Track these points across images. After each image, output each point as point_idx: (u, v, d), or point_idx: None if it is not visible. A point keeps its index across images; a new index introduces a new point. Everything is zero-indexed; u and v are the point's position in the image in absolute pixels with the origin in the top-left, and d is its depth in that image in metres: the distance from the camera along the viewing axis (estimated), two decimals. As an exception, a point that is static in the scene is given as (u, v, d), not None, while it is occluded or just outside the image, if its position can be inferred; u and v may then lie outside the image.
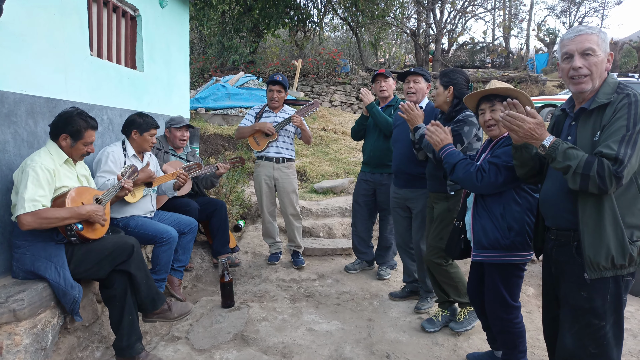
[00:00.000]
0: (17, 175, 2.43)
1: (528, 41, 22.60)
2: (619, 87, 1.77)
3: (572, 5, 23.90)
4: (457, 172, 2.35)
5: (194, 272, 4.02)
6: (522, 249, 2.26)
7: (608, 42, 1.80)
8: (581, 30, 1.81)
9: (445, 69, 2.90)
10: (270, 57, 15.38)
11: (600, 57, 1.77)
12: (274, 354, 2.74)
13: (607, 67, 1.80)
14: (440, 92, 2.85)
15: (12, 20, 2.59)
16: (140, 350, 2.59)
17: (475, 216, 2.37)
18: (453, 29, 18.89)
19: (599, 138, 1.72)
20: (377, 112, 3.71)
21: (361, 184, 3.99)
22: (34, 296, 2.35)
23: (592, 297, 1.77)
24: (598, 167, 1.64)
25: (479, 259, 2.35)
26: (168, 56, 4.82)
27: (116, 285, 2.59)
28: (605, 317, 1.77)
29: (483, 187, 2.28)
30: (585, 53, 1.77)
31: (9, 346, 2.21)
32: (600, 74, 1.79)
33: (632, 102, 1.68)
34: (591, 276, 1.75)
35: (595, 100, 1.77)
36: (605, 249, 1.72)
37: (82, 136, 2.58)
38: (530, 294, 3.68)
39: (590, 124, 1.78)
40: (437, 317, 3.05)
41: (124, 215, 3.18)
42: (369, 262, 4.17)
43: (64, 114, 2.58)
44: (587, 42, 1.76)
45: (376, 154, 3.82)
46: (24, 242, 2.47)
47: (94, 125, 2.65)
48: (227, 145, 7.66)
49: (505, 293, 2.34)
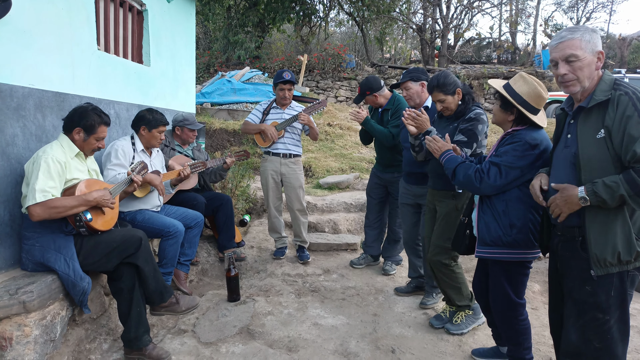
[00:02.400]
0: (28, 166, 2.46)
1: (535, 37, 22.38)
2: (615, 84, 1.77)
3: (580, 1, 23.67)
4: (458, 176, 2.36)
5: (200, 266, 4.05)
6: (525, 246, 2.26)
7: (596, 41, 1.79)
8: (563, 37, 1.83)
9: (433, 81, 2.75)
10: (276, 52, 15.34)
11: (585, 60, 1.79)
12: (279, 347, 2.75)
13: (598, 65, 1.80)
14: (450, 100, 2.75)
15: (20, 16, 2.61)
16: (148, 342, 2.61)
17: (480, 213, 2.38)
18: (459, 24, 18.73)
19: (612, 140, 1.71)
20: (372, 128, 3.69)
21: (373, 178, 4.02)
22: (43, 288, 2.38)
23: (596, 292, 1.79)
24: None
25: (481, 255, 2.37)
26: (174, 51, 4.83)
27: (124, 277, 2.61)
28: (609, 311, 1.78)
29: (483, 189, 2.29)
30: (569, 60, 1.80)
31: (19, 337, 2.24)
32: (589, 75, 1.81)
33: (636, 99, 1.68)
34: (597, 273, 1.76)
35: (594, 98, 1.78)
36: (612, 246, 1.73)
37: (95, 131, 2.62)
38: (535, 291, 3.68)
39: (592, 121, 1.79)
40: (445, 313, 3.06)
41: (131, 209, 3.20)
42: (375, 257, 4.18)
43: (79, 108, 2.63)
44: (568, 48, 1.80)
45: (384, 156, 3.84)
46: (33, 233, 2.50)
47: (106, 122, 2.69)
48: (232, 140, 7.68)
49: (509, 290, 2.34)
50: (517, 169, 2.21)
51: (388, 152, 3.78)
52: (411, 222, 3.47)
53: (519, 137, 2.24)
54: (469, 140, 2.70)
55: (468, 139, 2.70)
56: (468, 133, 2.71)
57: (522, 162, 2.21)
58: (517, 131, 2.29)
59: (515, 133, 2.29)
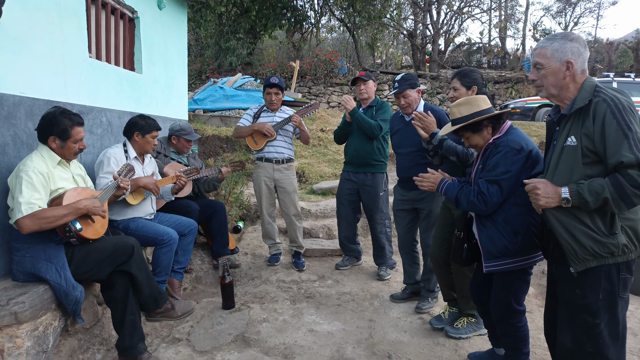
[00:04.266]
0: (11, 180, 2.41)
1: (524, 42, 22.68)
2: (595, 90, 1.77)
3: (568, 6, 23.99)
4: (462, 203, 2.35)
5: (194, 273, 4.02)
6: (531, 250, 2.26)
7: (566, 50, 1.80)
8: (538, 45, 1.91)
9: (463, 69, 2.87)
10: (268, 58, 15.38)
11: (549, 68, 1.83)
12: (275, 355, 2.73)
13: (566, 74, 1.81)
14: (463, 92, 2.78)
15: (11, 23, 2.59)
16: (143, 350, 2.58)
17: (480, 226, 2.35)
18: (450, 29, 18.93)
19: (594, 146, 1.72)
20: (360, 117, 3.73)
21: (345, 183, 4.03)
22: (35, 298, 2.34)
23: (584, 294, 1.80)
24: (628, 181, 1.64)
25: (492, 270, 2.30)
26: (166, 58, 4.82)
27: (117, 286, 2.59)
28: (598, 314, 1.78)
29: (489, 210, 2.27)
30: (536, 67, 1.89)
31: (10, 349, 2.21)
32: (554, 83, 1.84)
33: (614, 106, 1.68)
34: (576, 268, 1.78)
35: (574, 105, 1.79)
36: (573, 243, 1.77)
37: (70, 135, 2.53)
38: (530, 294, 3.69)
39: (572, 128, 1.80)
40: (445, 314, 3.06)
41: (124, 218, 3.17)
42: (357, 258, 4.28)
43: (47, 115, 2.53)
44: (536, 56, 1.88)
45: (360, 154, 3.86)
46: (23, 244, 2.46)
47: (79, 122, 2.59)
48: (225, 147, 7.65)
49: (511, 298, 2.34)
50: (513, 177, 2.21)
51: (364, 149, 3.82)
52: (406, 227, 3.46)
53: (503, 145, 2.26)
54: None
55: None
56: None
57: (514, 167, 2.21)
58: (498, 139, 2.31)
59: (496, 142, 2.30)
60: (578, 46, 1.82)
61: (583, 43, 1.84)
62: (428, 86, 13.90)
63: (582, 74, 1.83)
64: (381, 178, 3.91)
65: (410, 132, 3.21)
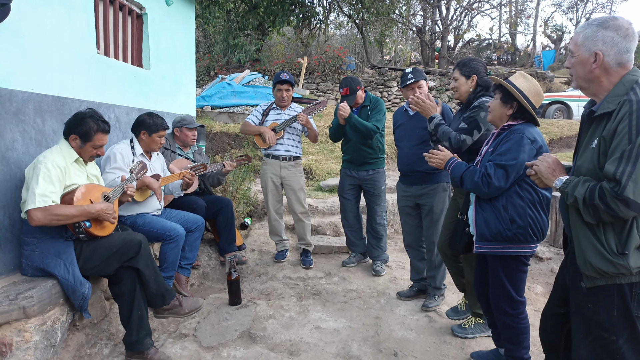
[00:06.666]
0: (28, 171, 2.45)
1: (535, 38, 22.44)
2: (632, 88, 1.55)
3: (580, 1, 23.69)
4: (466, 183, 2.35)
5: (200, 269, 4.03)
6: (525, 241, 2.26)
7: (599, 39, 1.60)
8: (576, 29, 1.74)
9: (463, 59, 2.86)
10: (276, 55, 15.35)
11: (578, 57, 1.65)
12: (281, 351, 2.74)
13: (593, 66, 1.62)
14: (462, 82, 2.79)
15: (20, 20, 2.60)
16: (150, 345, 2.60)
17: (478, 209, 2.36)
18: (459, 25, 18.77)
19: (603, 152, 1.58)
20: (357, 122, 3.72)
21: (346, 179, 4.07)
22: (43, 293, 2.37)
23: (597, 310, 1.66)
24: (599, 193, 1.52)
25: (481, 251, 2.35)
26: (174, 54, 4.82)
27: (124, 281, 2.60)
28: (615, 331, 1.63)
29: (491, 193, 2.27)
30: (571, 54, 1.71)
31: (19, 343, 2.23)
32: (582, 76, 1.67)
33: (634, 110, 1.49)
34: (586, 284, 1.67)
35: (603, 104, 1.61)
36: (582, 257, 1.64)
37: (91, 139, 2.58)
38: (538, 292, 3.66)
39: (593, 129, 1.65)
40: (461, 305, 3.06)
41: (131, 213, 3.19)
42: (363, 255, 4.27)
43: (79, 114, 2.59)
44: (571, 42, 1.71)
45: (360, 154, 3.90)
46: (33, 239, 2.49)
47: (105, 129, 2.63)
48: (233, 143, 7.67)
49: (509, 287, 2.34)
50: (522, 165, 2.19)
51: (362, 150, 3.86)
52: (413, 224, 3.45)
53: (518, 132, 2.24)
54: (468, 127, 2.70)
55: (468, 126, 2.71)
56: (469, 120, 2.71)
57: (525, 156, 2.20)
58: (514, 126, 2.29)
59: (512, 128, 2.29)
60: (613, 35, 1.58)
61: (623, 32, 1.58)
62: (437, 82, 13.79)
63: (620, 67, 1.60)
64: (382, 173, 3.97)
65: (412, 126, 3.22)
